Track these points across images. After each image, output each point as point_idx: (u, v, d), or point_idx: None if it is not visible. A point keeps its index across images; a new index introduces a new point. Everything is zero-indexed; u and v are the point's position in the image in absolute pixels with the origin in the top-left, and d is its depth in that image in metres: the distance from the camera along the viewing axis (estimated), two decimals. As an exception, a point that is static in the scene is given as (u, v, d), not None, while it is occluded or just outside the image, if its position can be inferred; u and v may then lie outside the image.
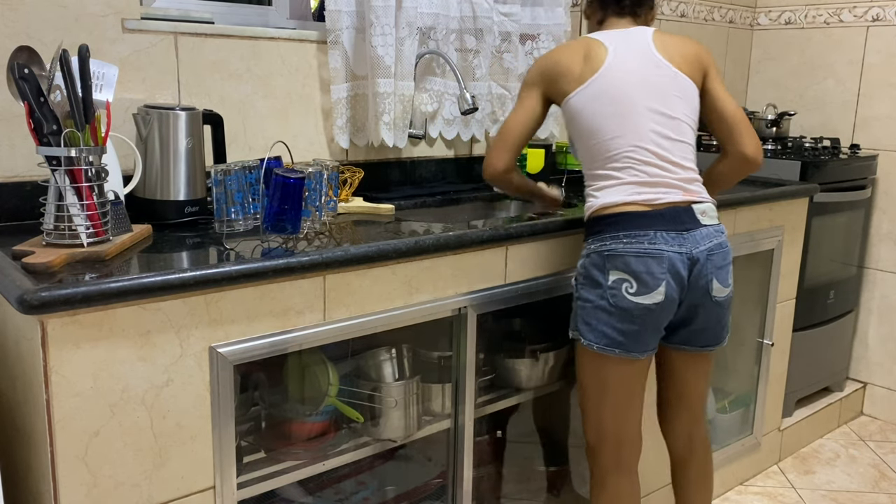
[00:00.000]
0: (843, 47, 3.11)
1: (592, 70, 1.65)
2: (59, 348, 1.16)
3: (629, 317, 1.58)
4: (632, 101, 1.62)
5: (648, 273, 1.56)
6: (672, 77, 1.66)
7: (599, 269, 1.60)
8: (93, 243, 1.33)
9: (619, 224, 1.59)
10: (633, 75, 1.64)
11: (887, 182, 3.04)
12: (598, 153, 1.65)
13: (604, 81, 1.63)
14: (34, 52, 1.32)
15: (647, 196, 1.60)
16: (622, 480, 1.72)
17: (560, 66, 1.69)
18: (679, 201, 1.61)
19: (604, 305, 1.59)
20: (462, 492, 1.78)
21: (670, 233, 1.58)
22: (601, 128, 1.63)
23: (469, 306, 1.68)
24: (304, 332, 1.43)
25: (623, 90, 1.63)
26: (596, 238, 1.63)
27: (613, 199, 1.61)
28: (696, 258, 1.59)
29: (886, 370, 3.12)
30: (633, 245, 1.57)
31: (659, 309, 1.58)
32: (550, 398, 2.21)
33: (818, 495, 2.55)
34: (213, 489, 1.36)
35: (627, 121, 1.61)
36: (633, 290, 1.56)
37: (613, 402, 1.67)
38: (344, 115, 2.05)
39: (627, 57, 1.66)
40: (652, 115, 1.62)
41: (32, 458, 1.27)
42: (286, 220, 1.43)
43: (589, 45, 1.69)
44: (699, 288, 1.61)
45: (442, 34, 2.21)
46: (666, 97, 1.64)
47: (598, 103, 1.63)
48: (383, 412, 1.74)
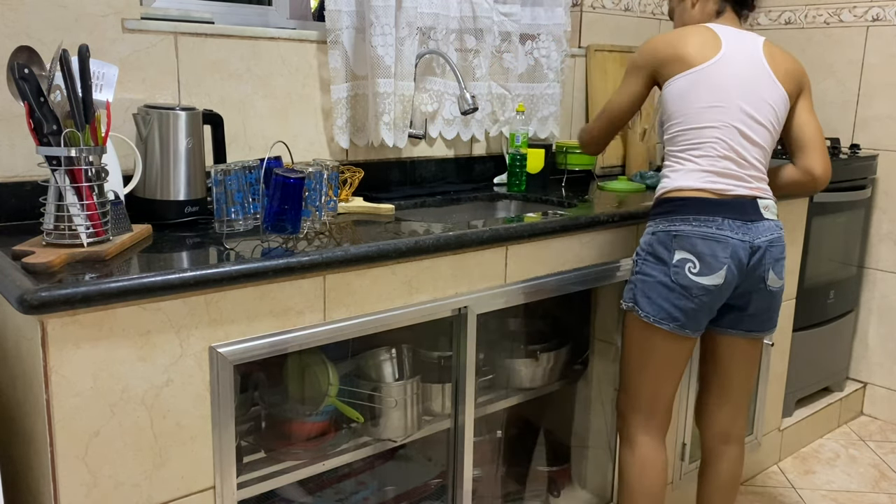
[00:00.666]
0: (843, 47, 3.10)
1: (704, 58, 1.71)
2: (59, 348, 1.16)
3: (688, 294, 1.66)
4: (728, 97, 1.69)
5: (713, 256, 1.64)
6: (771, 87, 1.74)
7: (666, 247, 1.68)
8: (93, 243, 1.33)
9: (690, 207, 1.67)
10: (737, 74, 1.71)
11: (887, 182, 3.04)
12: (684, 138, 1.72)
13: (710, 72, 1.70)
14: (34, 52, 1.32)
15: (719, 186, 1.68)
16: (650, 443, 1.79)
17: (678, 50, 1.74)
18: (745, 195, 1.69)
19: (666, 281, 1.68)
20: (462, 492, 1.78)
21: (736, 221, 1.66)
22: (693, 115, 1.71)
23: (469, 306, 1.68)
24: (304, 332, 1.43)
25: (724, 85, 1.70)
26: (665, 217, 1.71)
27: (688, 184, 1.69)
28: (758, 247, 1.68)
29: (886, 370, 3.12)
30: (700, 228, 1.65)
31: (717, 290, 1.66)
32: (550, 398, 2.22)
33: (818, 495, 2.55)
34: (213, 489, 1.36)
35: (720, 115, 1.69)
36: (696, 271, 1.65)
37: (655, 371, 1.76)
38: (344, 115, 2.05)
39: (738, 56, 1.73)
40: (742, 115, 1.70)
41: (32, 458, 1.27)
42: (286, 220, 1.43)
43: (707, 35, 1.75)
44: (756, 276, 1.69)
45: (442, 34, 2.21)
46: (759, 103, 1.72)
47: (698, 91, 1.70)
48: (383, 412, 1.74)
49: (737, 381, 1.85)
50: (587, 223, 1.86)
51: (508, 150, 2.35)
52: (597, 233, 1.91)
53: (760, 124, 1.72)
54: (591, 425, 2.22)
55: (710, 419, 1.89)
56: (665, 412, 1.80)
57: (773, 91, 1.74)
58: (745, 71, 1.72)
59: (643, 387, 1.78)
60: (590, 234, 1.89)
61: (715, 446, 1.90)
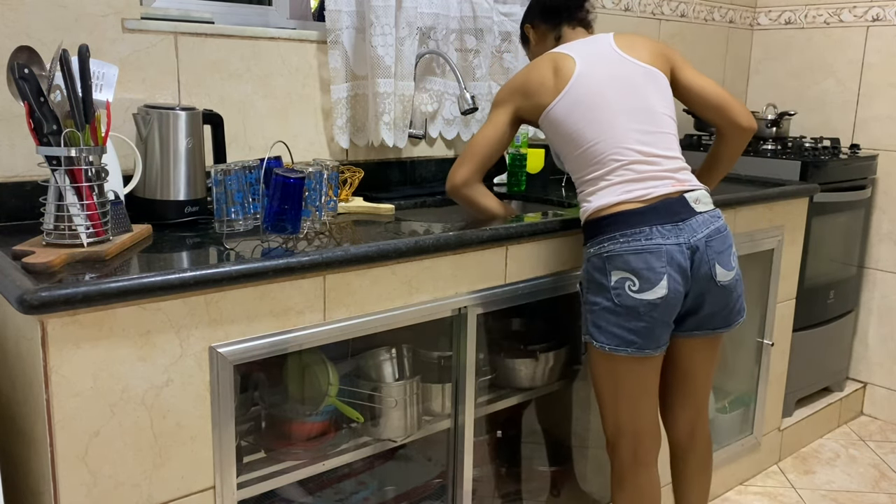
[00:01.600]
0: (843, 47, 3.10)
1: (564, 80, 1.68)
2: (59, 348, 1.16)
3: (636, 314, 1.59)
4: (607, 103, 1.65)
5: (649, 269, 1.57)
6: (642, 71, 1.70)
7: (601, 272, 1.62)
8: (93, 243, 1.33)
9: (615, 224, 1.60)
10: (603, 78, 1.67)
11: (887, 182, 3.04)
12: (584, 160, 1.67)
13: (577, 90, 1.66)
14: (34, 52, 1.32)
15: (638, 192, 1.61)
16: (642, 474, 1.74)
17: (532, 82, 1.72)
18: (670, 192, 1.62)
19: (609, 307, 1.61)
20: (462, 492, 1.78)
21: (665, 226, 1.59)
22: (583, 135, 1.66)
23: (469, 306, 1.68)
24: (304, 332, 1.43)
25: (597, 94, 1.66)
26: (594, 241, 1.65)
27: (606, 201, 1.63)
28: (696, 246, 1.60)
29: (886, 370, 3.12)
30: (630, 243, 1.58)
31: (664, 303, 1.59)
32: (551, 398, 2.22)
33: (818, 495, 2.55)
34: (213, 489, 1.36)
35: (606, 124, 1.64)
36: (636, 288, 1.57)
37: (629, 399, 1.69)
38: (344, 115, 2.05)
39: (595, 61, 1.70)
40: (629, 113, 1.65)
41: (32, 458, 1.27)
42: (286, 220, 1.43)
43: (555, 59, 1.72)
44: (702, 275, 1.62)
45: (442, 34, 2.21)
46: (639, 92, 1.67)
47: (575, 112, 1.66)
48: (383, 412, 1.74)
49: (699, 381, 1.81)
50: (587, 223, 1.86)
51: (508, 150, 2.35)
52: (597, 233, 1.91)
53: (652, 111, 1.66)
54: (591, 425, 2.21)
55: (675, 419, 1.86)
56: (651, 436, 1.73)
57: (645, 74, 1.69)
58: (609, 70, 1.68)
59: (622, 417, 1.71)
60: (589, 234, 1.89)
61: (682, 444, 1.88)
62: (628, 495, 1.74)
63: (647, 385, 1.69)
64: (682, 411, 1.84)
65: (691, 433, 1.86)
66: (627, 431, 1.71)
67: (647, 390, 1.69)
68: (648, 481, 1.74)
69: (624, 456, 1.73)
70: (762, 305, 2.53)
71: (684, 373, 1.79)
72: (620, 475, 1.75)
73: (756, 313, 2.54)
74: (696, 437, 1.87)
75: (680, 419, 1.86)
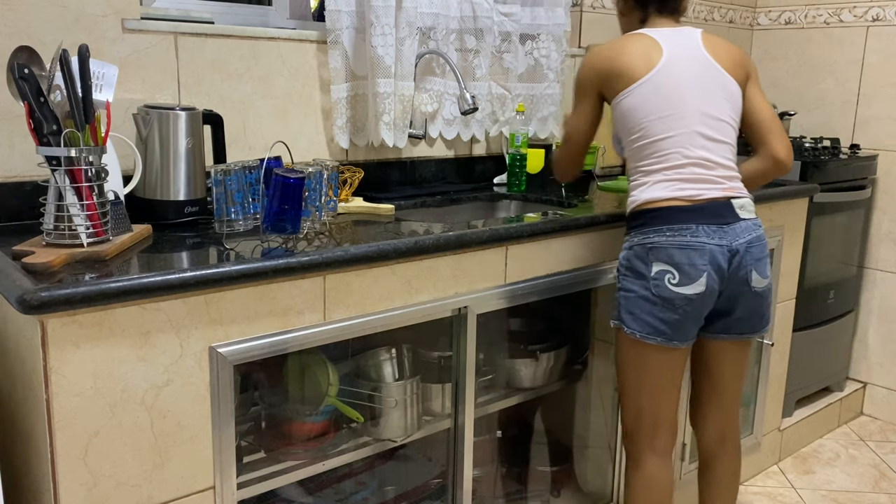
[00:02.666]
0: (843, 47, 3.11)
1: (648, 68, 1.69)
2: (59, 348, 1.16)
3: (671, 306, 1.63)
4: (683, 102, 1.67)
5: (690, 264, 1.62)
6: (720, 79, 1.72)
7: (643, 261, 1.66)
8: (93, 243, 1.33)
9: (663, 218, 1.65)
10: (685, 76, 1.69)
11: (887, 182, 3.04)
12: (647, 151, 1.70)
13: (658, 81, 1.68)
14: (34, 52, 1.32)
15: (689, 192, 1.66)
16: (656, 463, 1.76)
17: (617, 64, 1.71)
18: (718, 197, 1.67)
19: (647, 295, 1.65)
20: (462, 492, 1.78)
21: (711, 226, 1.64)
22: (652, 127, 1.68)
23: (469, 306, 1.68)
24: (304, 332, 1.43)
25: (676, 91, 1.68)
26: (639, 231, 1.68)
27: (658, 195, 1.67)
28: (736, 250, 1.65)
29: (886, 370, 3.12)
30: (675, 238, 1.63)
31: (699, 299, 1.63)
32: (551, 398, 2.22)
33: (818, 495, 2.55)
34: (213, 489, 1.36)
35: (677, 122, 1.67)
36: (676, 281, 1.62)
37: (651, 388, 1.73)
38: (344, 115, 2.05)
39: (681, 57, 1.71)
40: (700, 116, 1.68)
41: (32, 458, 1.27)
42: (286, 220, 1.43)
43: (645, 43, 1.73)
44: (738, 279, 1.66)
45: (442, 34, 2.21)
46: (714, 99, 1.70)
47: (650, 103, 1.68)
48: (383, 412, 1.74)
49: (728, 385, 1.84)
50: (587, 223, 1.86)
51: (508, 150, 2.35)
52: (597, 233, 1.91)
53: (720, 120, 1.70)
54: (591, 425, 2.22)
55: (705, 423, 1.88)
56: (669, 427, 1.77)
57: (723, 83, 1.72)
58: (692, 70, 1.70)
59: (643, 404, 1.74)
60: (589, 234, 1.89)
61: (712, 449, 1.90)
62: (641, 483, 1.77)
63: (670, 376, 1.73)
64: (711, 415, 1.87)
65: (721, 439, 1.88)
66: (646, 420, 1.75)
67: (670, 382, 1.73)
68: (662, 471, 1.77)
69: (641, 443, 1.77)
70: (762, 305, 2.52)
71: (713, 375, 1.83)
72: (636, 459, 1.78)
73: (756, 313, 2.53)
74: (726, 443, 1.89)
75: (710, 423, 1.88)
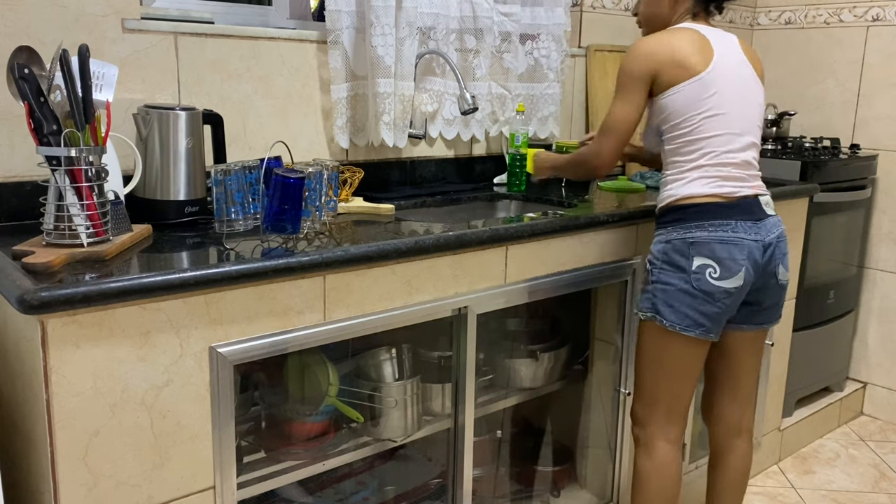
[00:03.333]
0: (843, 47, 3.10)
1: (705, 64, 1.71)
2: (59, 348, 1.16)
3: (711, 299, 1.67)
4: (730, 103, 1.71)
5: (731, 259, 1.67)
6: (756, 87, 1.79)
7: (683, 255, 1.69)
8: (93, 243, 1.33)
9: (704, 213, 1.69)
10: (734, 78, 1.73)
11: (887, 182, 3.04)
12: (690, 147, 1.72)
13: (711, 79, 1.70)
14: (34, 52, 1.32)
15: (726, 189, 1.71)
16: (669, 449, 1.79)
17: (679, 55, 1.71)
18: (749, 194, 1.73)
19: (687, 289, 1.68)
20: (462, 492, 1.78)
21: (747, 222, 1.70)
22: (699, 125, 1.71)
23: (469, 306, 1.68)
24: (304, 332, 1.43)
25: (726, 91, 1.71)
26: (679, 225, 1.71)
27: (698, 191, 1.71)
28: (769, 244, 1.72)
29: (886, 370, 3.12)
30: (717, 233, 1.67)
31: (737, 292, 1.69)
32: (550, 398, 2.22)
33: (818, 495, 2.55)
34: (213, 489, 1.36)
35: (722, 122, 1.70)
36: (717, 275, 1.66)
37: (675, 378, 1.76)
38: (344, 115, 2.05)
39: (730, 61, 1.74)
40: (740, 120, 1.73)
41: (32, 458, 1.27)
42: (286, 220, 1.43)
43: (696, 38, 1.74)
44: (768, 272, 1.74)
45: (442, 34, 2.21)
46: (751, 105, 1.76)
47: (701, 101, 1.70)
48: (383, 412, 1.74)
49: (747, 374, 1.88)
50: (587, 223, 1.86)
51: (508, 150, 2.35)
52: (597, 233, 1.91)
53: (754, 124, 1.76)
54: (592, 425, 2.22)
55: (721, 414, 1.90)
56: (683, 416, 1.81)
57: (758, 90, 1.79)
58: (739, 73, 1.75)
59: (662, 393, 1.78)
60: (590, 234, 1.89)
61: (726, 441, 1.91)
62: (653, 469, 1.79)
63: (695, 367, 1.77)
64: (728, 405, 1.89)
65: (737, 430, 1.91)
66: (662, 408, 1.78)
67: (692, 372, 1.77)
68: (674, 458, 1.79)
69: (654, 431, 1.79)
70: (762, 305, 2.52)
71: (734, 365, 1.86)
72: (648, 448, 1.80)
73: (756, 313, 2.53)
74: (742, 434, 1.91)
75: (726, 413, 1.90)
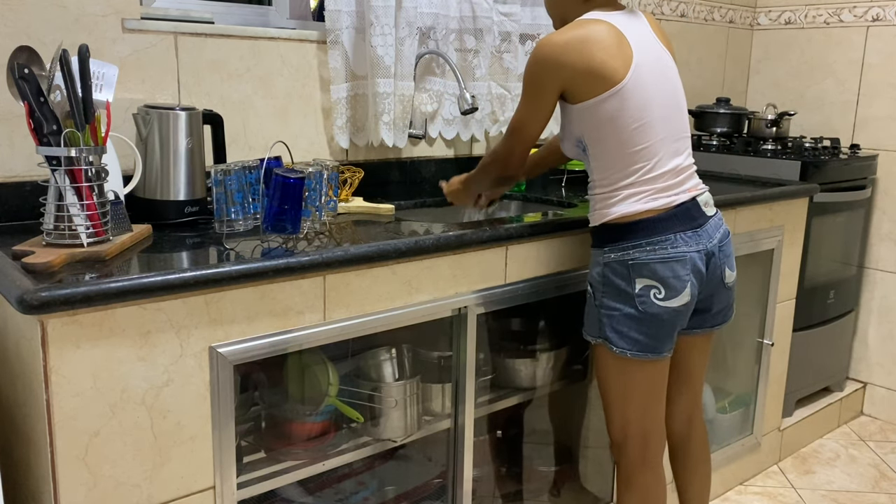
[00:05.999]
0: (843, 47, 3.10)
1: (626, 68, 1.52)
2: (59, 348, 1.16)
3: (658, 321, 1.59)
4: (653, 108, 1.56)
5: (675, 277, 1.58)
6: (672, 67, 1.65)
7: (623, 278, 1.59)
8: (93, 243, 1.33)
9: (640, 231, 1.58)
10: (656, 77, 1.57)
11: (887, 182, 3.04)
12: (621, 164, 1.58)
13: (633, 86, 1.53)
14: (34, 52, 1.32)
15: (663, 201, 1.59)
16: (649, 475, 1.74)
17: (592, 62, 1.51)
18: (686, 200, 1.62)
19: (632, 314, 1.60)
20: (462, 492, 1.78)
21: (686, 233, 1.60)
22: (626, 139, 1.56)
23: (469, 306, 1.68)
24: (304, 332, 1.43)
25: (650, 97, 1.55)
26: (616, 247, 1.61)
27: (632, 209, 1.59)
28: (712, 252, 1.63)
29: (886, 370, 3.12)
30: (656, 251, 1.57)
31: (685, 309, 1.62)
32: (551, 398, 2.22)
33: (818, 495, 2.55)
34: (213, 489, 1.36)
35: (649, 131, 1.56)
36: (662, 296, 1.58)
37: (639, 401, 1.69)
38: (344, 115, 2.05)
39: (649, 56, 1.57)
40: (668, 121, 1.59)
41: (32, 458, 1.27)
42: (286, 220, 1.43)
43: (611, 34, 1.53)
44: (714, 278, 1.66)
45: (442, 34, 2.21)
46: (674, 93, 1.63)
47: (625, 114, 1.54)
48: (383, 412, 1.74)
49: (697, 373, 1.85)
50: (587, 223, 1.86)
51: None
52: (597, 233, 1.91)
53: (681, 112, 1.63)
54: (591, 425, 2.21)
55: (673, 411, 1.86)
56: (659, 435, 1.74)
57: (677, 77, 1.65)
58: (656, 67, 1.58)
59: (631, 419, 1.70)
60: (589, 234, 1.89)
61: (682, 432, 1.89)
62: (636, 495, 1.74)
63: (658, 387, 1.70)
64: (679, 403, 1.87)
65: (689, 421, 1.89)
66: (636, 433, 1.71)
67: (657, 391, 1.71)
68: (655, 481, 1.75)
69: (632, 457, 1.73)
70: (762, 305, 2.52)
71: (683, 368, 1.82)
72: (628, 476, 1.75)
73: (756, 313, 2.53)
74: (693, 424, 1.89)
75: (678, 410, 1.88)
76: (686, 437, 1.90)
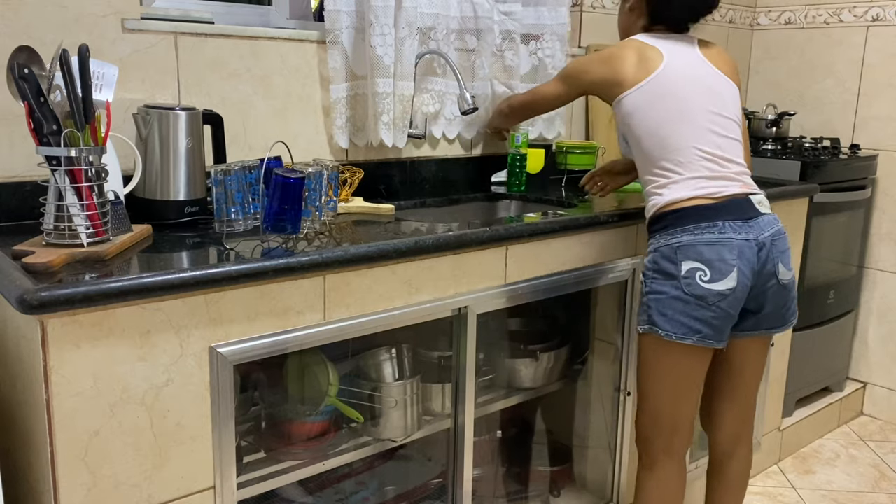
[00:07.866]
0: (843, 47, 3.11)
1: (647, 71, 1.71)
2: (59, 348, 1.16)
3: (704, 304, 1.62)
4: (691, 100, 1.69)
5: (720, 260, 1.61)
6: (721, 80, 1.75)
7: (671, 261, 1.65)
8: (93, 243, 1.33)
9: (688, 217, 1.65)
10: (687, 75, 1.72)
11: (887, 182, 3.04)
12: (659, 152, 1.70)
13: (661, 82, 1.70)
14: (34, 52, 1.32)
15: (711, 189, 1.66)
16: (671, 466, 1.76)
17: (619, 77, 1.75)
18: (738, 193, 1.68)
19: (679, 295, 1.64)
20: (462, 492, 1.78)
21: (736, 222, 1.64)
22: (661, 128, 1.69)
23: (469, 306, 1.68)
24: (304, 332, 1.43)
25: (681, 91, 1.70)
26: (664, 232, 1.68)
27: (679, 195, 1.67)
28: (763, 243, 1.65)
29: (886, 370, 3.12)
30: (703, 235, 1.63)
31: (732, 295, 1.62)
32: (550, 398, 2.22)
33: (818, 495, 2.55)
34: (213, 489, 1.36)
35: (687, 120, 1.68)
36: (707, 278, 1.61)
37: (676, 390, 1.72)
38: (344, 115, 2.05)
39: (681, 58, 1.74)
40: (708, 114, 1.69)
41: (32, 457, 1.27)
42: (286, 219, 1.43)
43: (640, 48, 1.76)
44: (767, 272, 1.67)
45: (442, 34, 2.21)
46: (717, 97, 1.72)
47: (657, 103, 1.70)
48: (383, 412, 1.74)
49: (750, 382, 1.83)
50: (587, 223, 1.86)
51: (509, 149, 2.35)
52: (597, 233, 1.91)
53: (726, 118, 1.72)
54: (591, 425, 2.21)
55: (721, 422, 1.86)
56: (688, 429, 1.76)
57: (725, 84, 1.75)
58: (694, 71, 1.73)
59: (664, 409, 1.73)
60: (590, 234, 1.89)
61: (726, 449, 1.88)
62: (656, 485, 1.76)
63: (696, 378, 1.72)
64: (728, 413, 1.85)
65: (735, 441, 1.87)
66: (666, 422, 1.74)
67: (694, 383, 1.73)
68: (677, 473, 1.76)
69: (657, 446, 1.75)
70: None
71: (735, 373, 1.82)
72: (651, 464, 1.77)
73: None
74: (739, 445, 1.88)
75: (727, 422, 1.86)
76: (729, 455, 1.88)
